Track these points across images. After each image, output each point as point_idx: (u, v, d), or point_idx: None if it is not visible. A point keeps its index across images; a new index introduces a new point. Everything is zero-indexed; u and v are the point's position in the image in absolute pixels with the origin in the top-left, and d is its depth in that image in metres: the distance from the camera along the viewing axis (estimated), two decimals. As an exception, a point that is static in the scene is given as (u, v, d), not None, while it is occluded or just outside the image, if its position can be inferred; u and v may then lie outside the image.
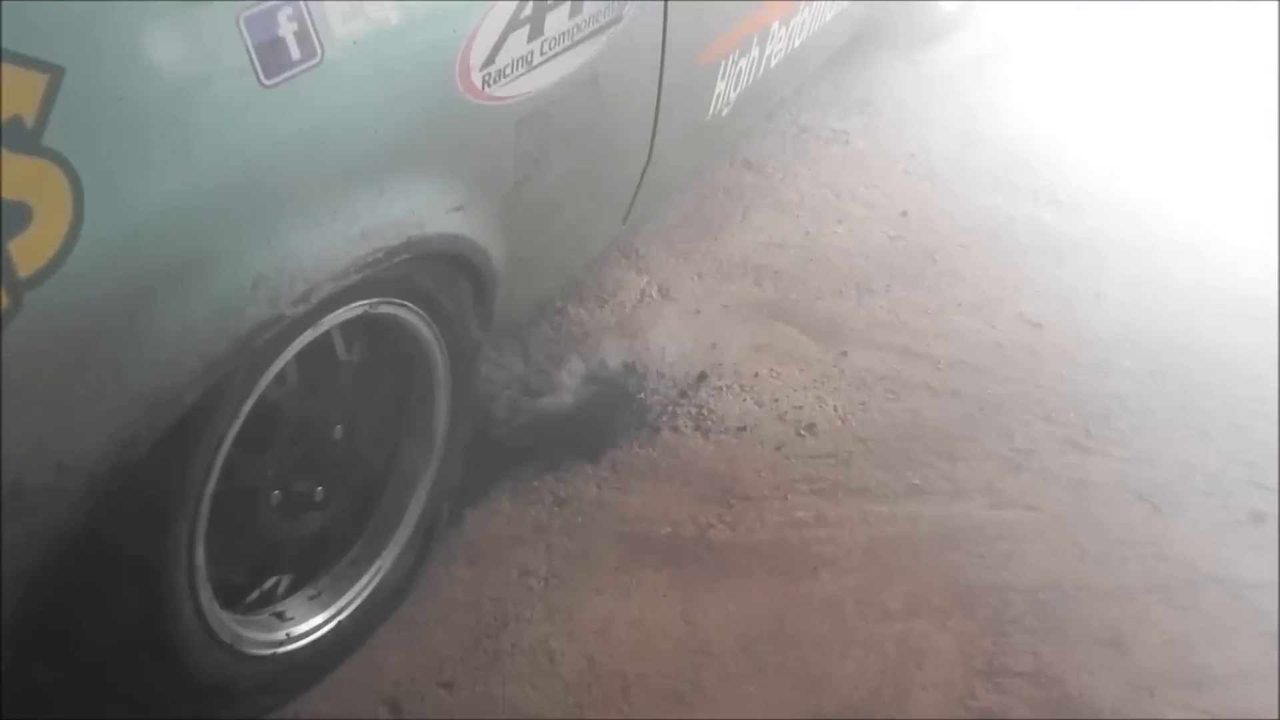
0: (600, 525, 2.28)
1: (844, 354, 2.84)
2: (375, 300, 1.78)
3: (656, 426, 2.54)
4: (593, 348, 2.76)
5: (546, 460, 2.41)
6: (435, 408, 2.06)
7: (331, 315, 1.70)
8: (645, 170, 2.60)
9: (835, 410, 2.65)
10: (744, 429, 2.56)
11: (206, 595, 1.68)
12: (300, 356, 1.73)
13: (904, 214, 3.46)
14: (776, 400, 2.66)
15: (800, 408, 2.64)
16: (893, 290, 3.11)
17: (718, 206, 3.43)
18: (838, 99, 4.13)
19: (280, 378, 1.72)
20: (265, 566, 1.89)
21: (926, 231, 3.39)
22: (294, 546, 1.91)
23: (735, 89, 2.94)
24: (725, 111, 2.94)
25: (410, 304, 1.87)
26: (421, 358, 1.99)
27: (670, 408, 2.60)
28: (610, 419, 2.54)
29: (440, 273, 1.92)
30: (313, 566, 1.99)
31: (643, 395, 2.63)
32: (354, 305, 1.74)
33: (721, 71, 2.76)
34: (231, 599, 1.85)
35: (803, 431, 2.57)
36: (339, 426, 1.90)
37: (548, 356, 2.72)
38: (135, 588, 1.56)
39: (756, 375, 2.73)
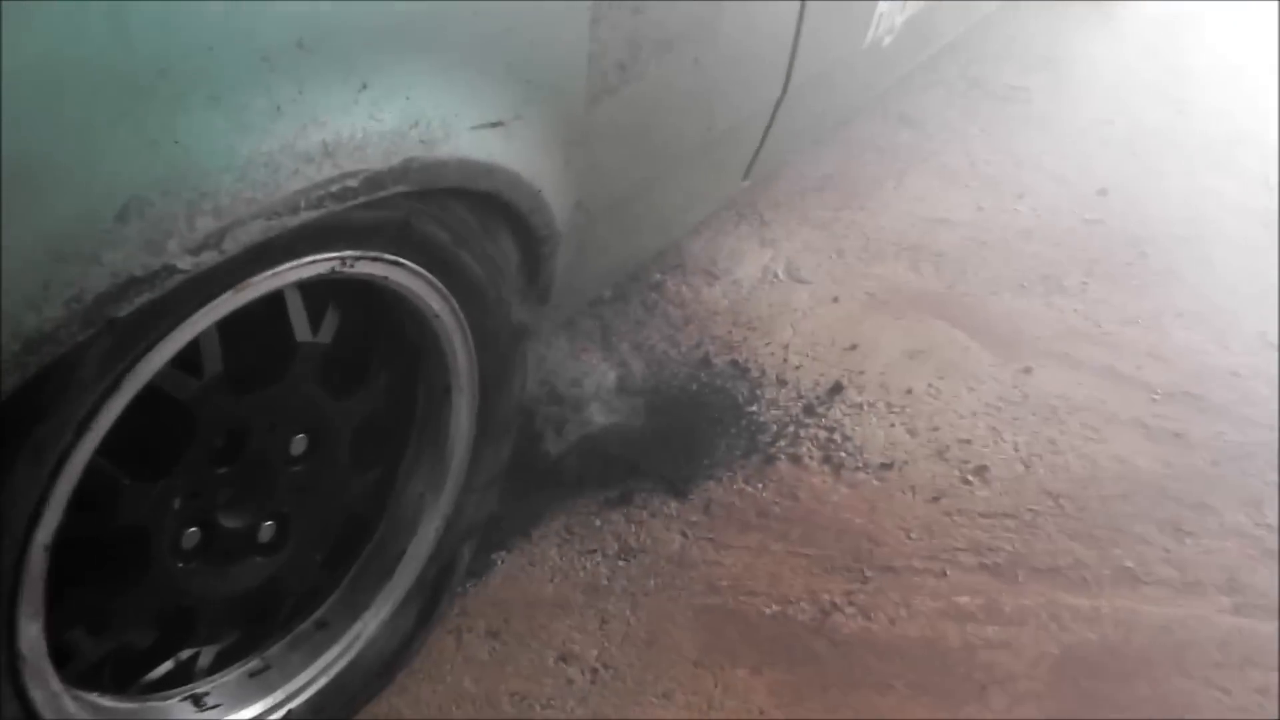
0: (679, 593, 1.63)
1: (1027, 371, 2.13)
2: (348, 254, 1.15)
3: (771, 454, 1.87)
4: (694, 337, 2.11)
5: (616, 492, 1.77)
6: (452, 416, 1.43)
7: (270, 273, 1.08)
8: (778, 105, 1.92)
9: (1015, 449, 1.95)
10: (890, 467, 1.88)
11: (42, 688, 1.08)
12: (227, 332, 1.12)
13: (1102, 193, 2.74)
14: (935, 429, 1.97)
15: (968, 442, 1.95)
16: (1090, 289, 2.38)
17: (866, 168, 2.75)
18: (1014, 51, 3.42)
19: (188, 365, 1.11)
20: (179, 631, 1.29)
21: (1132, 216, 2.66)
22: (223, 604, 1.30)
23: (902, 11, 2.23)
24: (887, 40, 2.24)
25: (411, 263, 1.23)
26: (431, 344, 1.36)
27: (791, 428, 1.93)
28: (709, 438, 1.88)
29: (463, 220, 1.28)
30: (259, 631, 1.38)
31: (755, 408, 1.96)
32: (311, 260, 1.12)
33: (889, -18, 2.08)
34: (131, 674, 1.26)
35: (970, 477, 1.88)
36: (300, 438, 1.28)
37: (633, 345, 2.07)
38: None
39: (909, 392, 2.04)
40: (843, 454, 1.89)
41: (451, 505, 1.48)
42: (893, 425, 1.97)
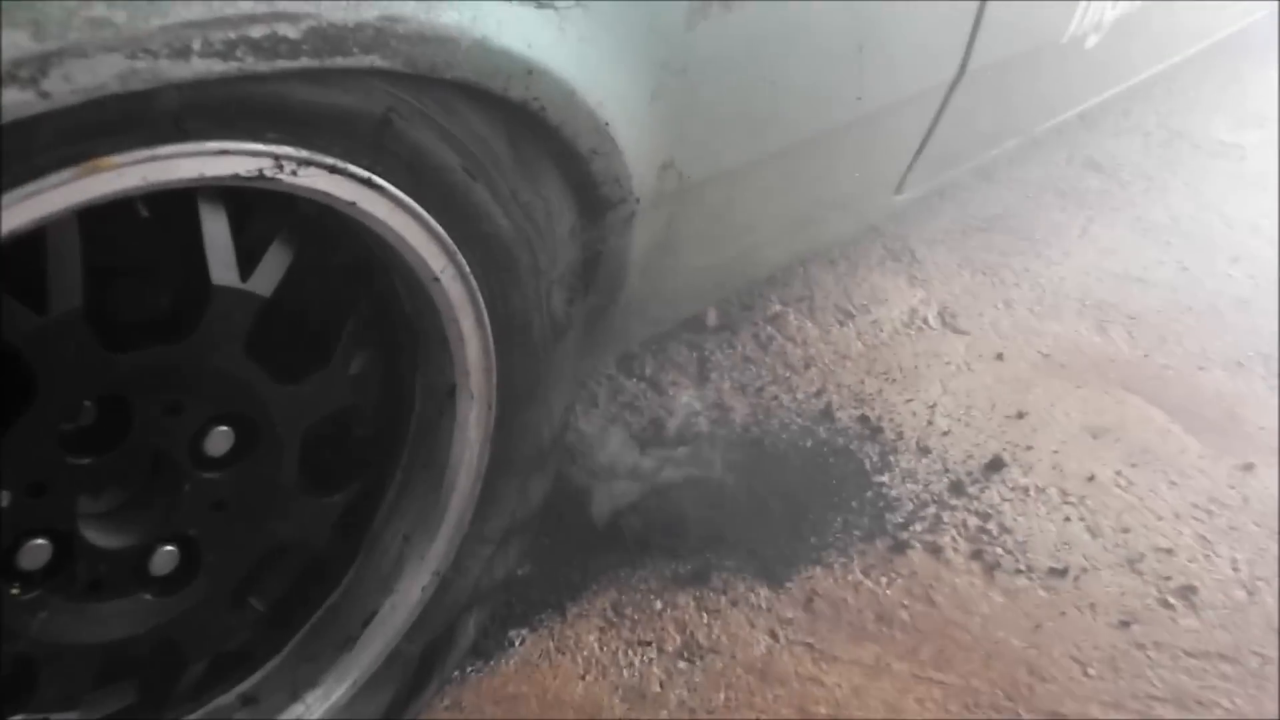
0: (758, 718, 1.17)
1: (1247, 468, 1.63)
2: (285, 153, 0.76)
3: (902, 540, 1.41)
4: (816, 383, 1.67)
5: (689, 566, 1.33)
6: (455, 431, 1.02)
7: (145, 154, 0.70)
8: (951, 90, 1.50)
9: (1234, 568, 1.44)
10: (1063, 574, 1.40)
11: None
12: (96, 252, 0.75)
13: (1336, 266, 2.20)
14: (1126, 530, 1.48)
15: (1169, 552, 1.46)
16: (1328, 376, 1.86)
17: (1044, 212, 2.29)
18: (1226, 105, 2.96)
19: (29, 291, 0.73)
20: (6, 690, 0.89)
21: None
22: (86, 657, 0.91)
23: (1113, 9, 1.79)
24: (1091, 40, 1.80)
25: (392, 186, 0.84)
26: (429, 322, 0.96)
27: (932, 509, 1.47)
28: (821, 511, 1.43)
29: (483, 140, 0.89)
30: (151, 700, 0.98)
31: (886, 479, 1.51)
32: (219, 149, 0.73)
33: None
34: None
35: (1172, 600, 1.38)
36: (221, 431, 0.88)
37: (736, 384, 1.64)
38: None
39: (1092, 479, 1.56)
40: (999, 550, 1.42)
41: (448, 557, 1.07)
42: (1068, 520, 1.49)
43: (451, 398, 1.00)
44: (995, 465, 1.55)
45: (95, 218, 0.72)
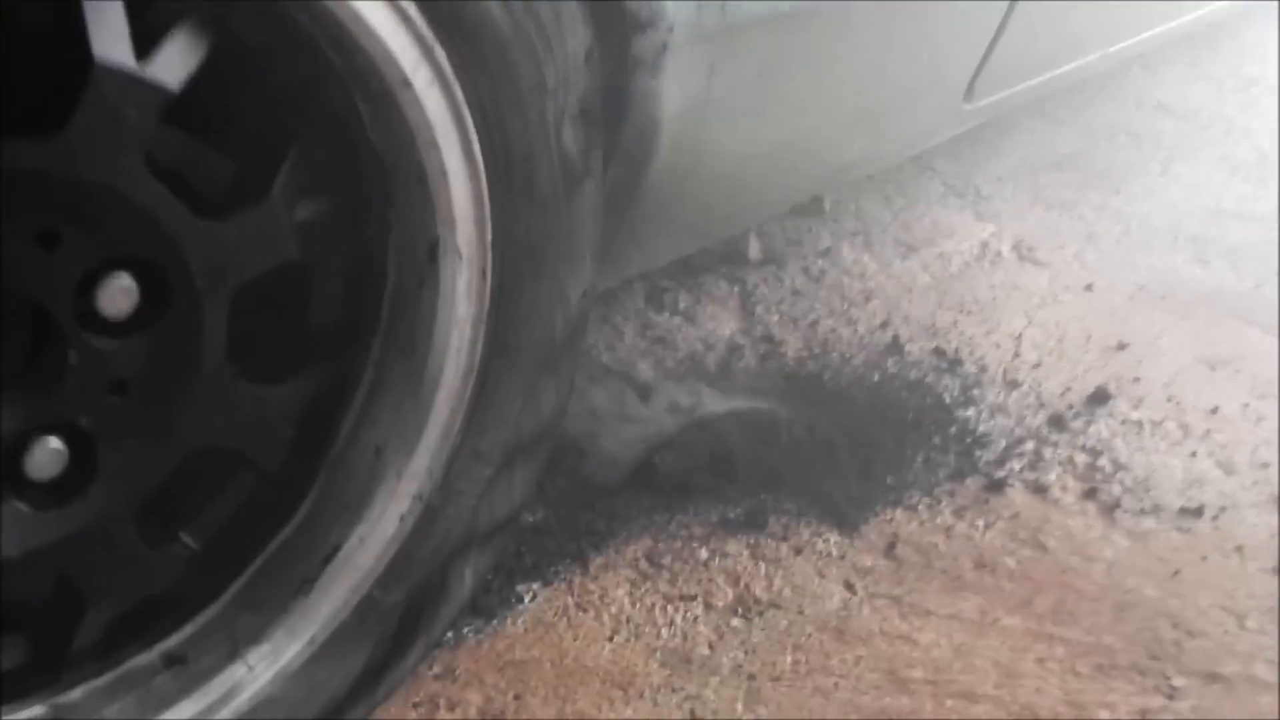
0: (837, 683, 0.92)
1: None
2: None
3: (998, 479, 1.17)
4: (879, 316, 1.43)
5: (740, 510, 1.08)
6: (439, 303, 0.79)
7: None
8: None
9: (1403, 507, 1.18)
10: (1197, 513, 1.15)
11: None
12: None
13: None
14: (1264, 466, 1.23)
15: (1322, 489, 1.20)
16: None
17: (1119, 152, 2.06)
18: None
19: None
20: None
21: None
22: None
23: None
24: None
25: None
26: (404, 153, 0.73)
27: (1030, 444, 1.22)
28: (896, 448, 1.19)
29: None
30: (45, 658, 0.74)
31: (971, 413, 1.26)
32: None
33: None
34: None
35: (1337, 540, 1.12)
36: (120, 281, 0.66)
37: (786, 317, 1.40)
38: None
39: (1215, 411, 1.31)
40: (1116, 488, 1.17)
41: (434, 478, 0.83)
42: (1194, 455, 1.23)
43: (434, 260, 0.77)
44: (1099, 398, 1.30)
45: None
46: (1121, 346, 1.42)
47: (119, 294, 0.66)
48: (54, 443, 0.67)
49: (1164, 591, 1.04)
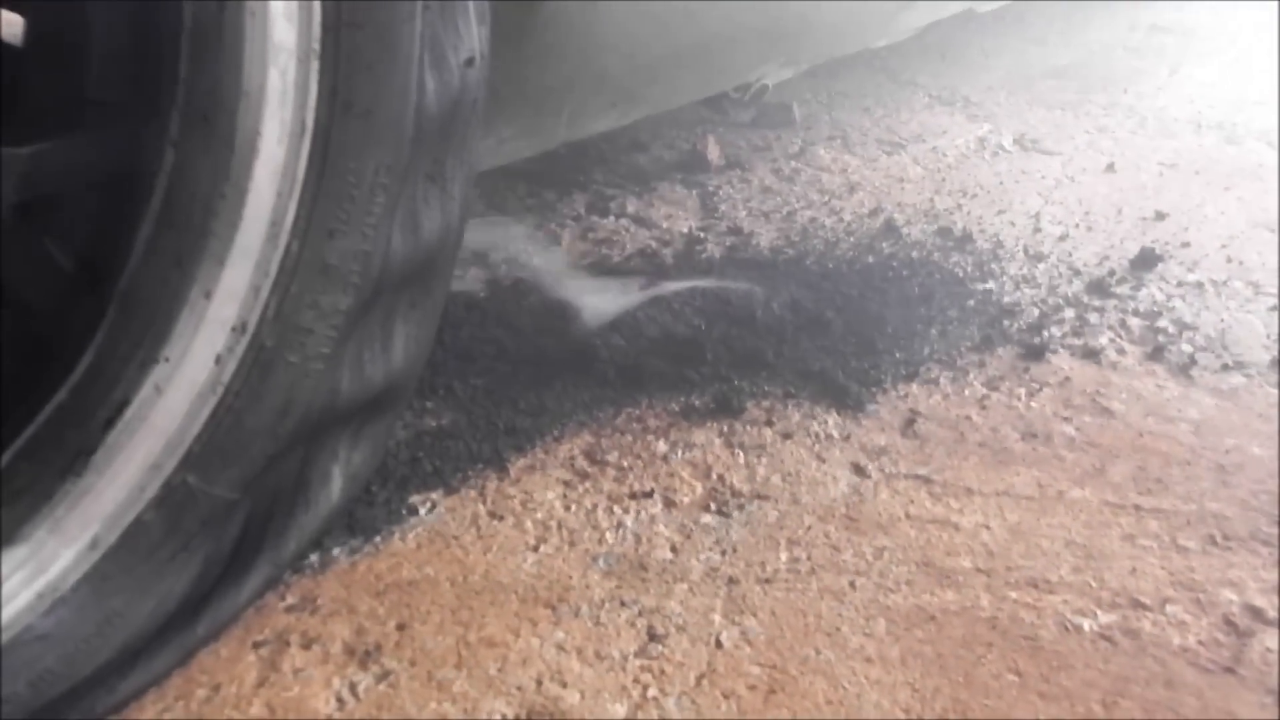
0: (854, 581, 0.66)
1: None
2: None
3: (1035, 345, 0.92)
4: (867, 204, 1.19)
5: (707, 396, 0.83)
6: (244, 29, 0.54)
7: None
8: None
9: None
10: (1293, 366, 0.90)
11: None
12: None
13: None
14: (1359, 317, 0.98)
15: None
16: None
17: (1121, 62, 1.85)
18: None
19: None
20: None
21: None
22: None
23: None
24: None
25: None
26: None
27: (1070, 311, 0.98)
28: (902, 321, 0.94)
29: None
30: None
31: (993, 286, 1.02)
32: None
33: None
34: None
35: None
36: None
37: (756, 212, 1.16)
38: None
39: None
40: (1187, 347, 0.92)
41: (260, 300, 0.58)
42: (1273, 310, 0.99)
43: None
44: (1147, 261, 1.06)
45: None
46: (1160, 216, 1.18)
47: None
48: None
49: (1273, 449, 0.79)
